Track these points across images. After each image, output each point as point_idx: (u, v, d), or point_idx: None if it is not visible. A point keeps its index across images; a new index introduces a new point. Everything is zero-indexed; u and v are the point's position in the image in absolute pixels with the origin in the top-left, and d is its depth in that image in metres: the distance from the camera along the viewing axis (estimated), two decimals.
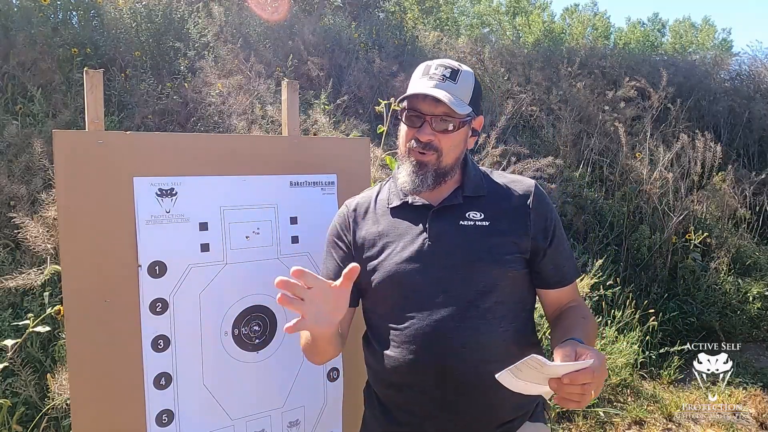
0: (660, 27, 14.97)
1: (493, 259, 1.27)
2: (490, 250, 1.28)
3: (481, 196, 1.34)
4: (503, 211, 1.32)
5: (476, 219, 1.31)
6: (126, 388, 1.40)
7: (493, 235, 1.29)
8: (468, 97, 1.29)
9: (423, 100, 1.27)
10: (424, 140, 1.28)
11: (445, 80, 1.27)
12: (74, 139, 1.36)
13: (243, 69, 4.75)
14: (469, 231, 1.30)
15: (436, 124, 1.27)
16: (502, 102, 5.63)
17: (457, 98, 1.26)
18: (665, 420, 3.39)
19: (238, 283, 1.53)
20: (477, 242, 1.28)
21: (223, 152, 1.54)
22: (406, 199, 1.36)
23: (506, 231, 1.30)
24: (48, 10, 4.95)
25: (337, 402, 1.72)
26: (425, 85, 1.27)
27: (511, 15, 12.34)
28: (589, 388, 1.00)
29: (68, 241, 1.33)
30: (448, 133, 1.28)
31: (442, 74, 1.28)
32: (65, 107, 4.09)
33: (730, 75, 8.08)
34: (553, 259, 1.33)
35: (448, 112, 1.26)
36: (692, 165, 5.20)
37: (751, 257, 5.13)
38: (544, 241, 1.32)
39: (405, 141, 1.33)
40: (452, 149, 1.30)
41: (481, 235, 1.29)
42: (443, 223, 1.31)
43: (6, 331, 2.64)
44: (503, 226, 1.30)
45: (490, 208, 1.32)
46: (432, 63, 1.32)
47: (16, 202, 3.16)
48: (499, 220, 1.31)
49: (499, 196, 1.35)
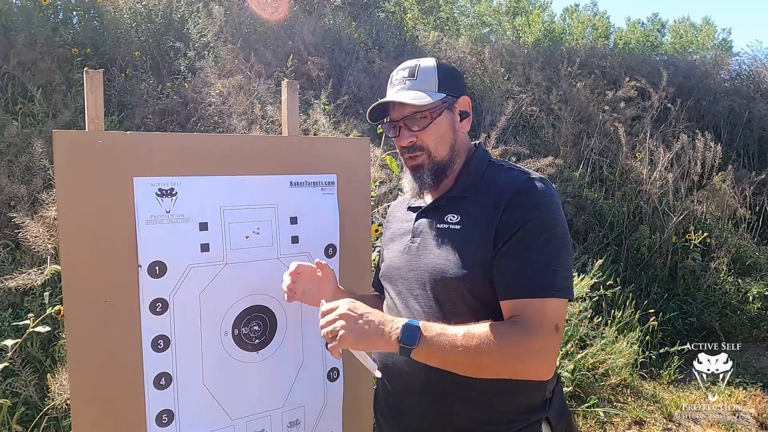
0: (660, 27, 14.98)
1: (447, 267, 1.20)
2: (449, 257, 1.21)
3: (467, 197, 1.27)
4: (479, 214, 1.21)
5: (451, 222, 1.26)
6: (126, 388, 1.40)
7: (459, 240, 1.22)
8: (434, 85, 1.28)
9: (392, 109, 1.32)
10: (405, 145, 1.30)
11: (406, 81, 1.30)
12: (74, 139, 1.36)
13: (243, 69, 4.75)
14: (443, 235, 1.26)
15: (410, 124, 1.28)
16: (502, 102, 5.63)
17: (422, 91, 1.26)
18: (665, 420, 3.39)
19: (238, 283, 1.53)
20: (445, 248, 1.23)
21: (223, 152, 1.53)
22: (410, 201, 1.41)
23: (475, 236, 1.19)
24: (48, 10, 4.95)
25: (337, 402, 1.72)
26: (388, 96, 1.32)
27: (511, 15, 12.35)
28: (320, 323, 1.15)
29: (68, 241, 1.33)
30: (426, 129, 1.27)
31: (402, 77, 1.31)
32: (65, 107, 4.10)
33: (730, 75, 8.08)
34: (502, 265, 1.15)
35: (415, 110, 1.27)
36: (692, 165, 5.20)
37: (751, 257, 5.13)
38: (500, 243, 1.16)
39: (399, 152, 1.36)
40: (439, 141, 1.29)
41: (452, 241, 1.23)
42: (425, 225, 1.32)
43: (6, 331, 2.64)
44: (472, 231, 1.21)
45: (469, 211, 1.24)
46: (394, 72, 1.34)
47: (16, 202, 3.17)
48: (471, 226, 1.21)
49: (484, 196, 1.24)
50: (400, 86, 1.30)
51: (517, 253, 1.14)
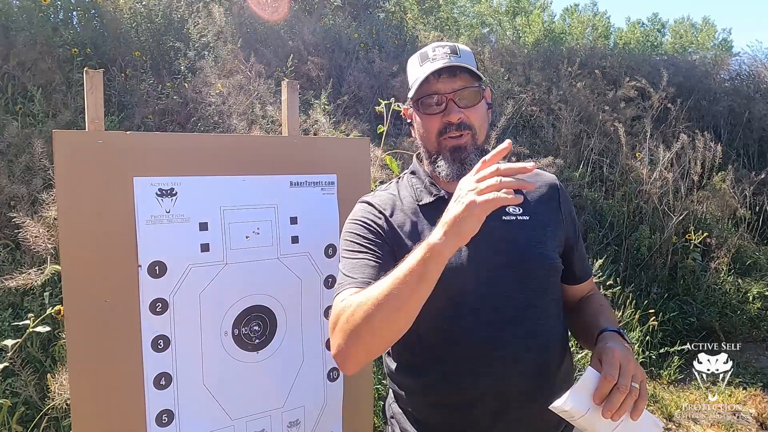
0: (660, 27, 14.99)
1: (541, 256, 1.21)
2: (536, 246, 1.21)
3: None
4: (538, 205, 1.26)
5: (516, 213, 1.22)
6: (126, 388, 1.40)
7: (535, 229, 1.23)
8: (474, 66, 1.21)
9: (437, 80, 1.17)
10: (455, 121, 1.17)
11: (450, 56, 1.18)
12: (74, 139, 1.36)
13: (243, 69, 4.75)
14: (513, 226, 1.21)
15: (459, 100, 1.17)
16: (502, 102, 5.63)
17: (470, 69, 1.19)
18: (665, 420, 3.39)
19: (238, 283, 1.53)
20: (523, 238, 1.21)
21: (223, 152, 1.53)
22: (440, 194, 1.23)
23: (546, 225, 1.25)
24: (48, 10, 4.95)
25: (337, 402, 1.72)
26: (434, 64, 1.17)
27: (511, 15, 12.35)
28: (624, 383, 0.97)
29: (68, 241, 1.33)
30: (475, 106, 1.19)
31: (444, 53, 1.18)
32: (65, 107, 4.09)
33: (730, 75, 8.07)
34: (581, 253, 1.33)
35: (466, 84, 1.17)
36: (692, 165, 5.20)
37: (751, 257, 5.13)
38: (574, 235, 1.30)
39: (433, 132, 1.20)
40: (482, 124, 1.22)
41: (525, 231, 1.22)
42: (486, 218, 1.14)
43: (6, 331, 2.64)
44: (542, 220, 1.25)
45: (525, 201, 1.24)
46: (427, 49, 1.22)
47: (16, 202, 3.16)
48: (536, 214, 1.25)
49: (525, 191, 1.21)
50: (444, 60, 1.17)
51: (579, 241, 1.34)
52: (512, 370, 1.15)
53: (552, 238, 1.24)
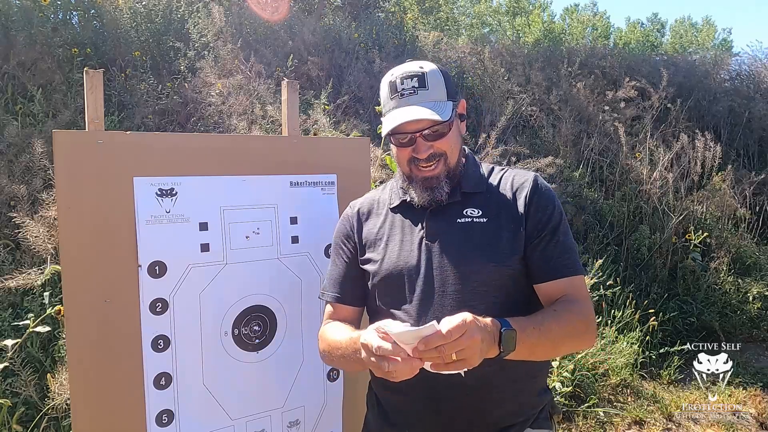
0: (660, 27, 15.00)
1: (489, 257, 1.24)
2: (486, 248, 1.25)
3: (480, 192, 1.31)
4: (502, 208, 1.29)
5: (474, 216, 1.28)
6: (126, 388, 1.40)
7: (490, 231, 1.26)
8: (444, 93, 1.25)
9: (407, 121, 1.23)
10: (423, 156, 1.26)
11: (417, 91, 1.23)
12: (74, 139, 1.36)
13: (243, 69, 4.75)
14: (466, 228, 1.27)
15: (428, 135, 1.25)
16: (502, 102, 5.63)
17: (436, 103, 1.23)
18: (665, 420, 3.39)
19: (238, 283, 1.53)
20: (473, 240, 1.26)
21: (223, 152, 1.54)
22: (404, 197, 1.34)
23: (504, 228, 1.27)
24: (48, 10, 4.95)
25: (337, 402, 1.72)
26: (399, 110, 1.24)
27: (511, 15, 12.36)
28: (445, 350, 0.97)
29: (68, 241, 1.33)
30: (444, 137, 1.26)
31: (411, 86, 1.23)
32: (65, 107, 4.09)
33: (730, 75, 8.07)
34: (543, 251, 1.26)
35: (433, 123, 1.23)
36: (692, 165, 5.20)
37: (751, 257, 5.13)
38: (536, 233, 1.27)
39: (404, 161, 1.30)
40: (454, 147, 1.29)
41: (479, 233, 1.27)
42: (441, 222, 1.29)
43: (6, 331, 2.64)
44: (502, 222, 1.27)
45: (489, 205, 1.30)
46: (395, 77, 1.26)
47: (16, 202, 3.16)
48: (497, 217, 1.28)
49: (498, 192, 1.31)
50: (410, 97, 1.24)
51: (556, 240, 1.27)
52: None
53: (508, 242, 1.25)
